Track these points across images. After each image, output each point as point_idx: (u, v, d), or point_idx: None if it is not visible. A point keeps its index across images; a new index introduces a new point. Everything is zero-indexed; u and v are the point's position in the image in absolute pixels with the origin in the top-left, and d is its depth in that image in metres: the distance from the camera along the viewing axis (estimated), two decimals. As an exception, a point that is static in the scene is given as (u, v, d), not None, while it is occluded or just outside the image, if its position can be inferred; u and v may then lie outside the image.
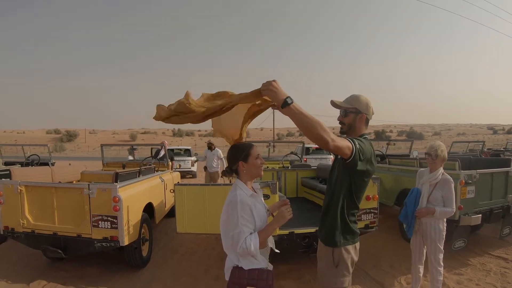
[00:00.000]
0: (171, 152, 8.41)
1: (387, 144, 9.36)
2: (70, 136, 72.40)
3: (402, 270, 3.92)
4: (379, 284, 3.61)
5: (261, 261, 1.70)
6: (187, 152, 15.15)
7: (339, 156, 1.76)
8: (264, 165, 6.68)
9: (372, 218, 3.84)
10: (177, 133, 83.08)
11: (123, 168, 6.35)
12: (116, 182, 3.68)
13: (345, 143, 1.63)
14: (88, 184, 3.52)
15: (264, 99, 1.67)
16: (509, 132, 76.09)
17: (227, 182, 4.52)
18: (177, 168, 10.78)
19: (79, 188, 3.56)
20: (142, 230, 4.05)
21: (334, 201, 1.83)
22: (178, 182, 5.63)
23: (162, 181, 5.25)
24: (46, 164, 6.86)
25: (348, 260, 1.81)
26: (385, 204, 5.55)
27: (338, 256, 1.80)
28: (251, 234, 1.61)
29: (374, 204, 3.83)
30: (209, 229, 3.72)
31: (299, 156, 7.90)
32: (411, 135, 69.01)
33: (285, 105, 1.48)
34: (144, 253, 4.12)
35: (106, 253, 3.92)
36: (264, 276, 1.66)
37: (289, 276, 3.77)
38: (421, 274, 3.15)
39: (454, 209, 2.93)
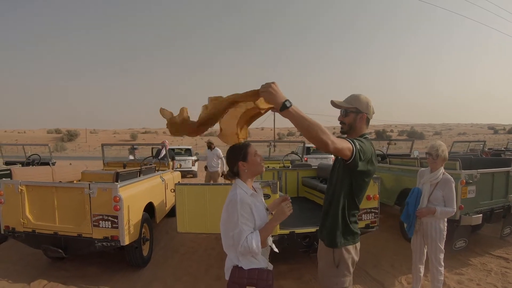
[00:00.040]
0: (172, 152, 8.41)
1: (388, 144, 9.34)
2: (71, 136, 72.48)
3: (403, 270, 3.92)
4: (380, 284, 3.61)
5: (261, 261, 1.70)
6: (188, 152, 15.16)
7: (340, 157, 1.76)
8: (265, 165, 6.66)
9: (373, 218, 3.83)
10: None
11: (124, 168, 6.36)
12: (117, 182, 3.68)
13: (345, 145, 1.62)
14: (89, 184, 3.53)
15: (262, 101, 1.66)
16: (510, 132, 75.98)
17: (228, 182, 4.52)
18: (178, 168, 10.80)
19: (80, 188, 3.56)
20: (143, 230, 4.05)
21: (335, 202, 1.83)
22: (179, 182, 5.62)
23: (163, 181, 5.25)
24: (47, 164, 6.87)
25: (349, 260, 1.81)
26: (386, 204, 5.55)
27: (339, 256, 1.80)
28: (252, 233, 1.61)
29: (375, 204, 3.82)
30: (210, 229, 3.72)
31: (300, 156, 7.90)
32: (412, 135, 68.97)
33: (284, 108, 1.49)
34: (145, 253, 4.12)
35: (107, 253, 3.92)
36: (264, 276, 1.66)
37: (290, 276, 3.77)
38: (422, 274, 3.15)
39: (455, 209, 2.92)
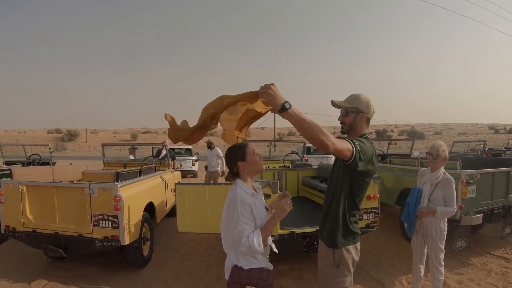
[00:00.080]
0: (172, 152, 8.41)
1: (388, 144, 9.34)
2: (71, 136, 72.48)
3: (403, 270, 3.91)
4: (380, 284, 3.60)
5: (261, 261, 1.69)
6: (188, 152, 15.17)
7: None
8: (265, 165, 6.63)
9: (373, 218, 3.83)
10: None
11: (124, 168, 6.36)
12: (117, 182, 3.68)
13: (345, 145, 1.62)
14: (89, 184, 3.53)
15: (261, 102, 1.66)
16: (510, 132, 75.90)
17: (228, 181, 4.51)
18: (178, 168, 10.80)
19: (80, 188, 3.56)
20: (143, 230, 4.05)
21: (335, 202, 1.82)
22: (179, 182, 5.63)
23: (163, 181, 5.25)
24: (47, 164, 6.88)
25: (349, 260, 1.81)
26: (386, 204, 5.55)
27: (339, 256, 1.80)
28: (253, 232, 1.61)
29: (375, 204, 3.82)
30: (210, 229, 3.72)
31: (300, 156, 7.89)
32: (412, 135, 68.92)
33: (283, 110, 1.49)
34: (145, 253, 4.12)
35: (107, 253, 3.92)
36: (264, 276, 1.66)
37: (290, 276, 3.77)
38: (422, 274, 3.15)
39: (455, 209, 2.92)
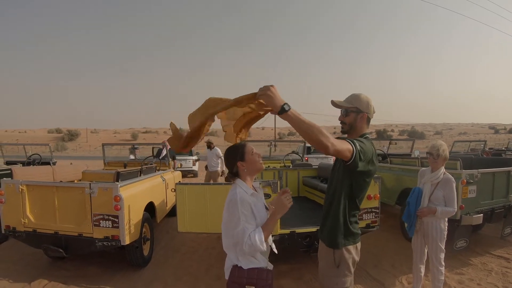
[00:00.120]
0: (173, 152, 8.40)
1: (389, 144, 9.34)
2: (72, 136, 72.46)
3: (403, 270, 3.91)
4: (380, 284, 3.60)
5: (261, 261, 1.69)
6: (189, 152, 15.18)
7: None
8: (266, 165, 6.63)
9: (374, 218, 3.83)
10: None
11: (125, 168, 6.36)
12: (118, 182, 3.68)
13: (345, 146, 1.61)
14: (90, 184, 3.53)
15: (260, 104, 1.66)
16: (511, 132, 75.84)
17: (227, 182, 4.51)
18: (179, 168, 10.80)
19: (81, 188, 3.56)
20: (143, 229, 4.05)
21: (335, 202, 1.82)
22: (179, 182, 5.63)
23: (164, 180, 5.25)
24: (48, 164, 6.88)
25: (349, 260, 1.81)
26: (387, 204, 5.55)
27: (339, 257, 1.80)
28: (255, 230, 1.60)
29: (376, 204, 3.82)
30: (210, 228, 3.73)
31: (301, 156, 7.89)
32: (413, 135, 68.88)
33: (283, 112, 1.49)
34: (145, 252, 4.12)
35: (107, 253, 3.92)
36: (264, 276, 1.66)
37: (290, 276, 3.77)
38: (422, 274, 3.15)
39: (456, 209, 2.92)
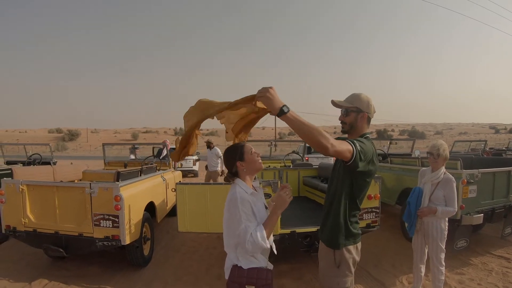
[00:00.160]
0: (173, 151, 8.40)
1: (389, 143, 9.34)
2: (72, 135, 72.51)
3: (404, 270, 3.91)
4: (381, 284, 3.60)
5: (261, 260, 1.69)
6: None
7: None
8: (266, 164, 6.63)
9: (374, 217, 3.83)
10: (179, 132, 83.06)
11: (125, 167, 6.36)
12: (118, 181, 3.68)
13: (345, 147, 1.60)
14: (90, 183, 3.53)
15: (259, 106, 1.66)
16: (511, 132, 75.76)
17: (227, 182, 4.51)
18: (179, 167, 10.80)
19: (81, 187, 3.56)
20: (144, 229, 4.05)
21: (336, 202, 1.82)
22: (180, 181, 5.63)
23: (164, 180, 5.25)
24: (48, 163, 6.88)
25: (350, 260, 1.81)
26: (387, 203, 5.54)
27: (340, 257, 1.79)
28: (256, 227, 1.60)
29: (376, 203, 3.82)
30: (211, 228, 3.72)
31: (301, 155, 7.90)
32: (413, 134, 68.84)
33: (282, 114, 1.49)
34: (146, 252, 4.12)
35: (108, 252, 3.92)
36: (264, 275, 1.66)
37: (290, 275, 3.76)
38: (423, 274, 3.15)
39: (456, 209, 2.92)
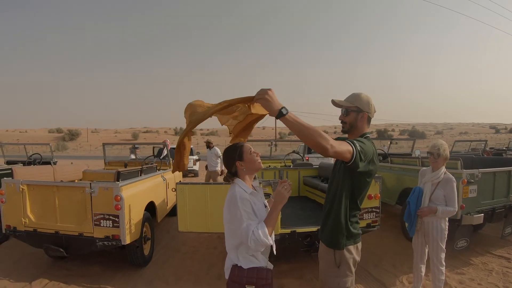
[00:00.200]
0: (173, 151, 8.41)
1: (389, 143, 9.34)
2: (72, 135, 72.53)
3: (404, 270, 3.91)
4: (381, 283, 3.60)
5: (261, 260, 1.69)
6: (189, 151, 15.22)
7: None
8: (266, 164, 6.63)
9: (374, 217, 3.83)
10: (179, 132, 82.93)
11: (125, 167, 6.36)
12: (118, 181, 3.68)
13: (345, 147, 1.60)
14: (90, 183, 3.53)
15: (256, 109, 1.66)
16: (511, 131, 75.76)
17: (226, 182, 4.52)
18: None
19: (81, 187, 3.56)
20: (144, 229, 4.05)
21: (336, 202, 1.82)
22: (180, 181, 5.62)
23: (164, 180, 5.25)
24: (48, 163, 6.88)
25: (350, 260, 1.81)
26: (387, 203, 5.54)
27: (340, 257, 1.79)
28: (257, 225, 1.60)
29: (376, 203, 3.82)
30: (211, 228, 3.73)
31: (301, 155, 7.89)
32: (413, 134, 68.77)
33: (280, 116, 1.48)
34: (146, 252, 4.12)
35: (108, 252, 3.92)
36: (263, 275, 1.66)
37: (291, 275, 3.76)
38: (423, 274, 3.14)
39: (456, 208, 2.91)
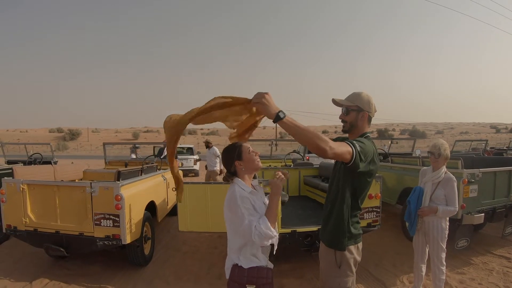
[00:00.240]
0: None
1: (390, 143, 9.33)
2: (73, 135, 72.55)
3: (405, 269, 3.91)
4: (381, 283, 3.60)
5: (261, 260, 1.69)
6: (190, 151, 15.23)
7: None
8: (267, 164, 6.62)
9: (375, 217, 3.83)
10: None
11: (126, 167, 6.36)
12: (118, 181, 3.68)
13: (345, 149, 1.58)
14: (90, 183, 3.53)
15: (252, 112, 1.66)
16: (512, 131, 75.62)
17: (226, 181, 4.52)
18: (180, 167, 10.80)
19: (81, 187, 3.56)
20: (144, 229, 4.05)
21: (336, 202, 1.81)
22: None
23: (165, 180, 5.25)
24: (49, 163, 6.89)
25: (351, 261, 1.80)
26: (388, 203, 5.54)
27: (341, 257, 1.79)
28: (259, 219, 1.61)
29: (377, 203, 3.81)
30: (212, 228, 3.73)
31: (302, 155, 7.89)
32: (414, 134, 68.68)
33: (278, 119, 1.48)
34: (146, 252, 4.12)
35: (109, 252, 3.93)
36: (264, 274, 1.66)
37: (291, 275, 3.76)
38: (424, 273, 3.14)
39: (457, 208, 2.91)
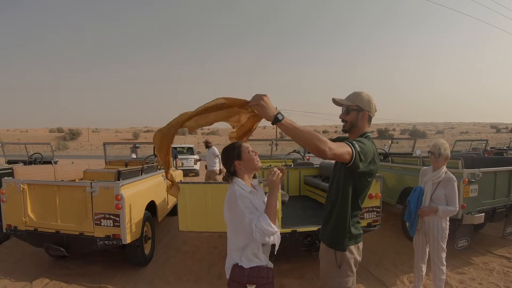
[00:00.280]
0: (174, 150, 8.41)
1: (390, 143, 9.33)
2: (73, 135, 72.52)
3: (405, 269, 3.91)
4: (382, 283, 3.60)
5: (262, 259, 1.69)
6: (190, 151, 15.24)
7: None
8: (267, 164, 6.62)
9: (375, 217, 3.83)
10: (180, 132, 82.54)
11: (126, 167, 6.36)
12: (119, 181, 3.68)
13: (344, 149, 1.58)
14: (91, 183, 3.53)
15: (250, 113, 1.66)
16: (513, 131, 75.56)
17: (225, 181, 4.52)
18: (180, 166, 10.81)
19: (82, 187, 3.57)
20: (145, 228, 4.05)
21: (337, 202, 1.81)
22: (181, 180, 5.63)
23: (165, 179, 5.25)
24: (49, 163, 6.89)
25: (351, 261, 1.80)
26: (388, 203, 5.54)
27: (341, 257, 1.79)
28: (259, 217, 1.61)
29: (377, 203, 3.81)
30: (212, 227, 3.73)
31: (302, 155, 7.89)
32: (414, 134, 68.64)
33: (276, 121, 1.48)
34: (147, 251, 4.13)
35: (109, 251, 3.93)
36: (264, 274, 1.66)
37: (291, 275, 3.76)
38: (424, 273, 3.14)
39: (457, 208, 2.91)
